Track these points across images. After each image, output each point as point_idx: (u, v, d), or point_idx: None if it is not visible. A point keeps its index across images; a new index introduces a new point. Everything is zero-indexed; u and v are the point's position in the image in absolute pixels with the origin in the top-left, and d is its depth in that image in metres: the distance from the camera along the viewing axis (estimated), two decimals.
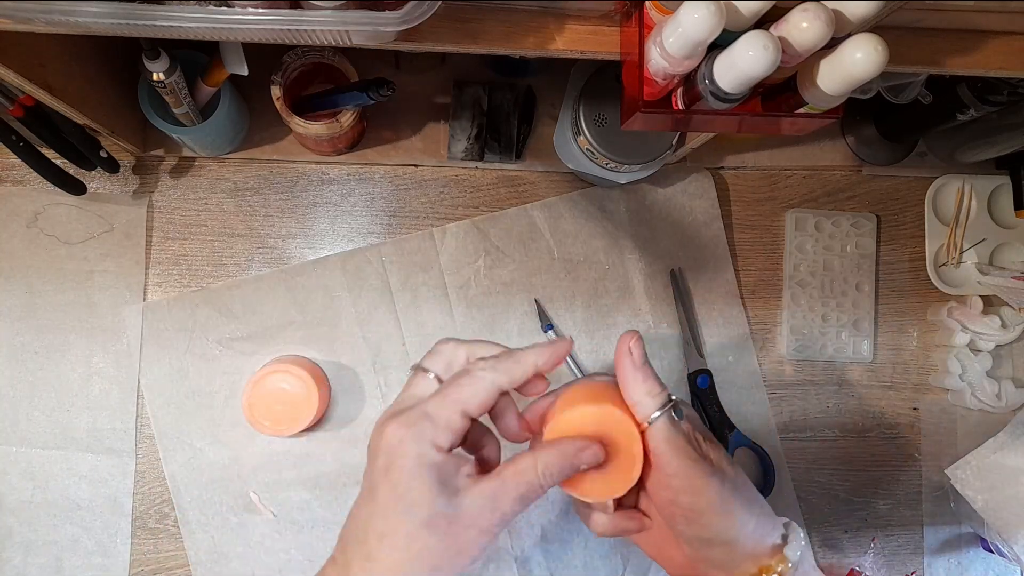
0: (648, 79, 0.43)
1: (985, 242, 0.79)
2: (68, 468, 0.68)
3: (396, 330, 0.72)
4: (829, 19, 0.37)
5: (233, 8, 0.38)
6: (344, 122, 0.62)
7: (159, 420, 0.69)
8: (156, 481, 0.69)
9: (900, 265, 0.80)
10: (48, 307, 0.69)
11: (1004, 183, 0.79)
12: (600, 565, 0.72)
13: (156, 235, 0.71)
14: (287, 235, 0.72)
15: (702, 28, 0.36)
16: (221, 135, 0.68)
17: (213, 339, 0.70)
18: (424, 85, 0.73)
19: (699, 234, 0.76)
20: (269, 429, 0.67)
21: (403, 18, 0.37)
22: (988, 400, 0.77)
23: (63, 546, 0.68)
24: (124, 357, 0.69)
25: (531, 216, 0.74)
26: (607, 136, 0.65)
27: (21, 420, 0.68)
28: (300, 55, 0.62)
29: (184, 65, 0.57)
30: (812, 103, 0.42)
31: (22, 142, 0.59)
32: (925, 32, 0.46)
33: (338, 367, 0.71)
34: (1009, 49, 0.47)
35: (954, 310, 0.77)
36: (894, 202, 0.80)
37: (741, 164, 0.78)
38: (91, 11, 0.37)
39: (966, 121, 0.68)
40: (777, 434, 0.76)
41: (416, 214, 0.73)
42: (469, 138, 0.72)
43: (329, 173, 0.73)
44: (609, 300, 0.75)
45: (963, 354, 0.78)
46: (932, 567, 0.78)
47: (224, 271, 0.71)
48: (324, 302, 0.71)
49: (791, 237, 0.77)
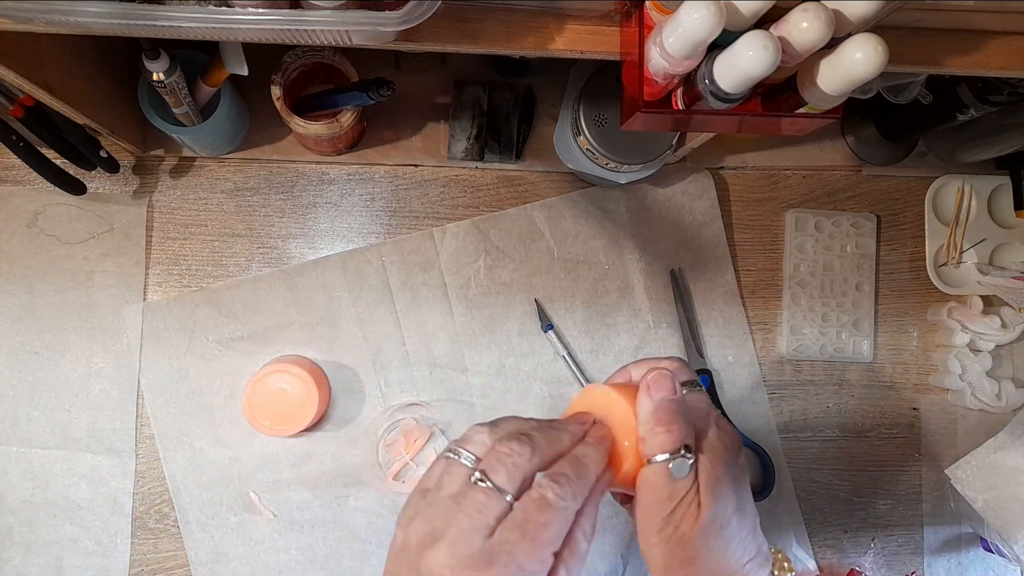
0: (648, 79, 0.43)
1: (985, 242, 0.79)
2: (68, 468, 0.68)
3: (396, 330, 0.72)
4: (829, 19, 0.37)
5: (233, 8, 0.38)
6: (344, 122, 0.62)
7: (159, 420, 0.69)
8: (156, 481, 0.69)
9: (900, 265, 0.80)
10: (48, 307, 0.69)
11: (1004, 183, 0.79)
12: (600, 565, 0.72)
13: (156, 235, 0.71)
14: (287, 235, 0.72)
15: (702, 28, 0.36)
16: (221, 135, 0.68)
17: (213, 339, 0.70)
18: (424, 85, 0.73)
19: (699, 234, 0.76)
20: (269, 429, 0.67)
21: (403, 18, 0.37)
22: (988, 400, 0.77)
23: (63, 546, 0.68)
24: (124, 357, 0.69)
25: (531, 216, 0.74)
26: (607, 136, 0.65)
27: (21, 420, 0.68)
28: (300, 55, 0.62)
29: (184, 65, 0.57)
30: (812, 103, 0.42)
31: (22, 142, 0.59)
32: (925, 32, 0.46)
33: (338, 367, 0.71)
34: (1009, 49, 0.47)
35: (954, 310, 0.77)
36: (894, 202, 0.80)
37: (741, 164, 0.78)
38: (91, 11, 0.37)
39: (966, 121, 0.68)
40: (777, 434, 0.76)
41: (416, 214, 0.73)
42: (469, 138, 0.72)
43: (329, 173, 0.73)
44: (609, 300, 0.75)
45: (963, 354, 0.78)
46: (932, 567, 0.78)
47: (224, 271, 0.71)
48: (324, 302, 0.71)
49: (791, 237, 0.77)
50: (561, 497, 0.36)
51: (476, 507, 0.35)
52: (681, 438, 0.39)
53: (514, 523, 0.35)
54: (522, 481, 0.36)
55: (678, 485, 0.38)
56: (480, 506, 0.35)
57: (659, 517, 0.38)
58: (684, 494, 0.38)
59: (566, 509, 0.36)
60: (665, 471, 0.38)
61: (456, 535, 0.34)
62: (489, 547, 0.34)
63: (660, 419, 0.39)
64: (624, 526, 0.73)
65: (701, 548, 0.39)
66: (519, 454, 0.37)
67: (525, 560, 0.34)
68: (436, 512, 0.36)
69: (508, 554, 0.34)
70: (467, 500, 0.35)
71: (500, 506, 0.35)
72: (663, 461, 0.38)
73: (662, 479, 0.38)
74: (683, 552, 0.38)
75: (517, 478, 0.36)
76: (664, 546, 0.38)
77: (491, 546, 0.34)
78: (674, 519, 0.38)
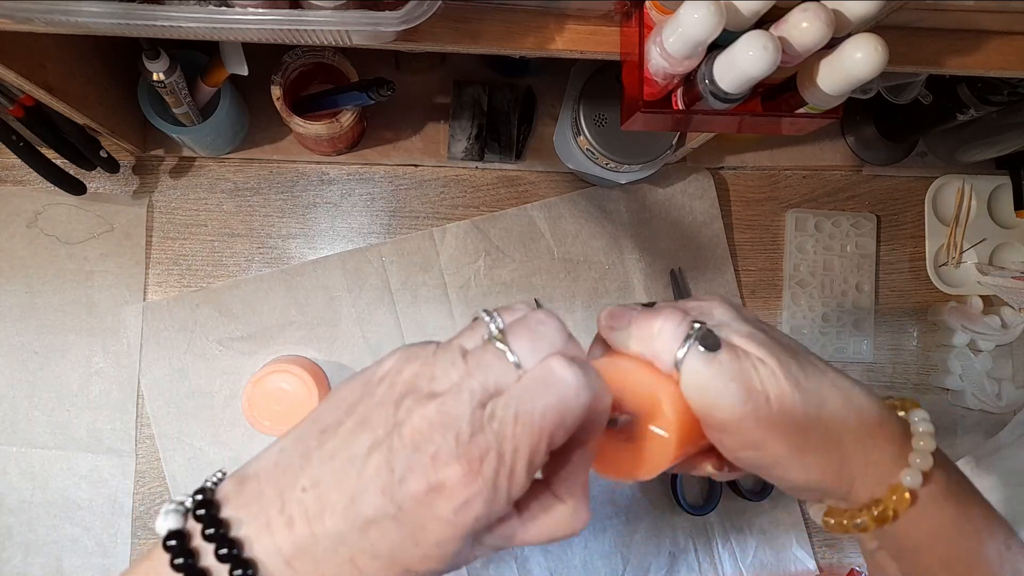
0: (648, 79, 0.43)
1: (985, 242, 0.79)
2: (68, 468, 0.68)
3: (396, 330, 0.72)
4: (829, 19, 0.37)
5: (233, 8, 0.38)
6: (344, 122, 0.62)
7: (159, 420, 0.69)
8: (156, 481, 0.69)
9: (900, 265, 0.80)
10: (48, 307, 0.69)
11: (1004, 183, 0.79)
12: (600, 565, 0.72)
13: (156, 235, 0.71)
14: (287, 235, 0.72)
15: (702, 28, 0.36)
16: (221, 135, 0.68)
17: (213, 339, 0.70)
18: (424, 85, 0.73)
19: (699, 234, 0.76)
20: (269, 429, 0.67)
21: (403, 18, 0.37)
22: (988, 400, 0.77)
23: (63, 546, 0.68)
24: (124, 357, 0.69)
25: (531, 216, 0.74)
26: (607, 136, 0.65)
27: (21, 420, 0.68)
28: (300, 55, 0.62)
29: (184, 65, 0.57)
30: (812, 103, 0.42)
31: (22, 142, 0.59)
32: (925, 32, 0.46)
33: (338, 367, 0.71)
34: (1009, 49, 0.47)
35: (954, 310, 0.77)
36: (894, 202, 0.80)
37: (741, 164, 0.78)
38: (91, 11, 0.37)
39: (966, 121, 0.68)
40: None
41: (416, 214, 0.73)
42: (469, 138, 0.72)
43: (329, 173, 0.73)
44: (609, 300, 0.75)
45: (963, 354, 0.78)
46: None
47: (224, 271, 0.71)
48: (324, 302, 0.71)
49: (791, 237, 0.77)
50: (573, 376, 0.27)
51: (480, 363, 0.28)
52: (680, 317, 0.33)
53: (513, 397, 0.27)
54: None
55: (724, 357, 0.32)
56: (485, 364, 0.28)
57: (733, 406, 0.31)
58: (739, 361, 0.32)
59: (575, 402, 0.27)
60: (701, 355, 0.32)
61: (451, 394, 0.27)
62: (479, 421, 0.26)
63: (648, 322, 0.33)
64: (624, 526, 0.73)
65: (804, 395, 0.32)
66: (551, 327, 0.29)
67: (510, 453, 0.26)
68: (439, 360, 0.28)
69: (495, 436, 0.26)
70: (474, 357, 0.28)
71: (507, 374, 0.28)
72: (689, 349, 0.32)
73: (702, 369, 0.31)
74: (791, 413, 0.32)
75: (541, 351, 0.28)
76: (770, 430, 0.32)
77: (481, 421, 0.26)
78: (753, 392, 0.31)
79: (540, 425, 0.27)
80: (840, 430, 0.33)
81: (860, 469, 0.33)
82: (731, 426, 0.32)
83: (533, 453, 0.27)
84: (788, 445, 0.32)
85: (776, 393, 0.32)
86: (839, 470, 0.33)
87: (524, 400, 0.27)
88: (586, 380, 0.28)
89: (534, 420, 0.27)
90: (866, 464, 0.33)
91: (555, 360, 0.28)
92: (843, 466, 0.33)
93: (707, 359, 0.32)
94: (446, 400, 0.27)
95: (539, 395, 0.27)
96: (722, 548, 0.74)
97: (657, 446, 0.32)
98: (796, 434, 0.32)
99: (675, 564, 0.73)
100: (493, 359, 0.28)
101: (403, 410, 0.27)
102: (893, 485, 0.33)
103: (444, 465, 0.26)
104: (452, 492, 0.26)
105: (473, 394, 0.27)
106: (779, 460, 0.32)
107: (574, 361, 0.28)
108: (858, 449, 0.33)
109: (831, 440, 0.33)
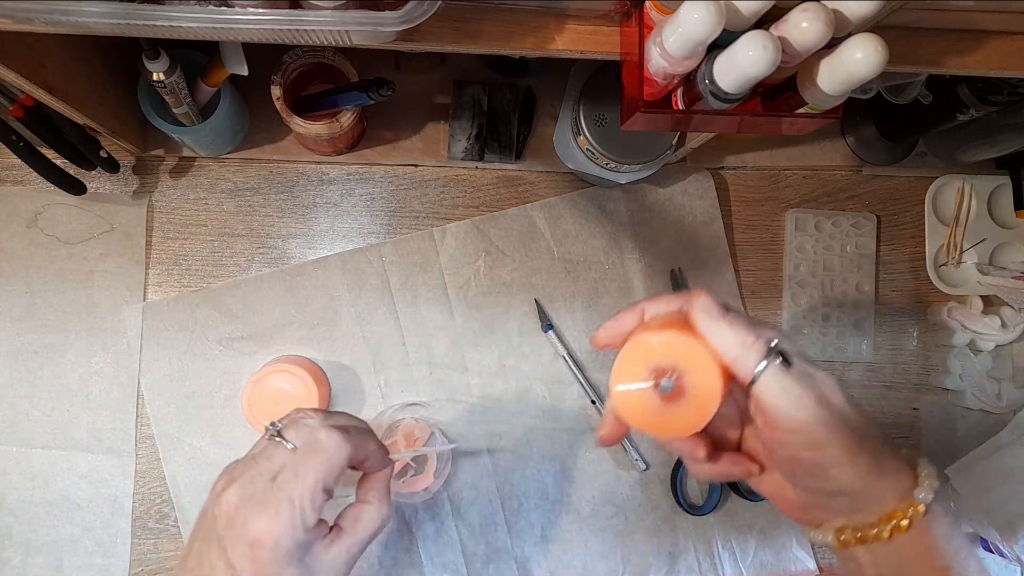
0: (648, 79, 0.43)
1: (985, 242, 0.79)
2: (68, 468, 0.68)
3: (396, 330, 0.72)
4: (829, 19, 0.37)
5: (233, 8, 0.38)
6: (344, 122, 0.62)
7: (159, 420, 0.69)
8: (156, 481, 0.69)
9: (900, 265, 0.80)
10: (48, 307, 0.69)
11: (1004, 183, 0.79)
12: (600, 565, 0.72)
13: (156, 235, 0.71)
14: (287, 235, 0.72)
15: (702, 28, 0.36)
16: (221, 135, 0.68)
17: (213, 339, 0.70)
18: (424, 85, 0.73)
19: (699, 234, 0.76)
20: None
21: (403, 18, 0.37)
22: (988, 400, 0.77)
23: (63, 546, 0.68)
24: (124, 357, 0.69)
25: (531, 216, 0.74)
26: (607, 136, 0.65)
27: (21, 420, 0.68)
28: (300, 55, 0.62)
29: (184, 65, 0.57)
30: (812, 103, 0.42)
31: (22, 142, 0.59)
32: (925, 32, 0.46)
33: (338, 367, 0.71)
34: (1009, 49, 0.47)
35: (954, 310, 0.77)
36: (894, 202, 0.80)
37: (741, 164, 0.78)
38: (91, 11, 0.37)
39: (966, 121, 0.68)
40: None
41: (416, 214, 0.73)
42: (469, 138, 0.72)
43: (329, 173, 0.73)
44: (609, 300, 0.75)
45: (963, 354, 0.78)
46: None
47: (224, 271, 0.71)
48: (324, 302, 0.71)
49: (791, 237, 0.77)
50: (329, 438, 0.42)
51: (266, 456, 0.43)
52: (758, 337, 0.38)
53: (291, 465, 0.41)
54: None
55: (798, 371, 0.37)
56: (269, 455, 0.42)
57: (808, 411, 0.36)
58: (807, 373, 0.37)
59: (336, 454, 0.42)
60: (779, 369, 0.37)
61: (246, 479, 0.41)
62: (270, 487, 0.41)
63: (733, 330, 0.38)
64: (624, 526, 0.73)
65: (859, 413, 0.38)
66: (314, 417, 0.44)
67: (297, 496, 0.40)
68: (238, 468, 0.43)
69: (282, 490, 0.40)
70: (262, 453, 0.43)
71: (285, 455, 0.42)
72: (767, 365, 0.37)
73: (782, 379, 0.37)
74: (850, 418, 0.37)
75: (308, 434, 0.43)
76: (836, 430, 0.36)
77: (272, 486, 0.41)
78: (822, 399, 0.37)
79: (314, 476, 0.41)
80: (876, 437, 0.38)
81: (892, 473, 0.38)
82: (804, 426, 0.37)
83: (314, 494, 0.41)
84: (846, 446, 0.37)
85: (838, 401, 0.37)
86: (880, 472, 0.37)
87: (299, 464, 0.41)
88: (342, 438, 0.43)
89: (308, 474, 0.41)
90: (897, 469, 0.38)
91: (319, 432, 0.43)
92: (882, 469, 0.37)
93: (785, 370, 0.37)
94: (243, 484, 0.41)
95: (309, 458, 0.42)
96: (722, 548, 0.74)
97: (705, 390, 0.38)
98: (852, 436, 0.37)
99: (675, 564, 0.73)
100: (274, 449, 0.43)
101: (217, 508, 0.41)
102: (904, 497, 0.37)
103: (254, 521, 0.40)
104: (263, 539, 0.39)
105: (262, 475, 0.41)
106: (837, 459, 0.37)
107: (334, 428, 0.43)
108: (887, 452, 0.38)
109: (875, 444, 0.38)
